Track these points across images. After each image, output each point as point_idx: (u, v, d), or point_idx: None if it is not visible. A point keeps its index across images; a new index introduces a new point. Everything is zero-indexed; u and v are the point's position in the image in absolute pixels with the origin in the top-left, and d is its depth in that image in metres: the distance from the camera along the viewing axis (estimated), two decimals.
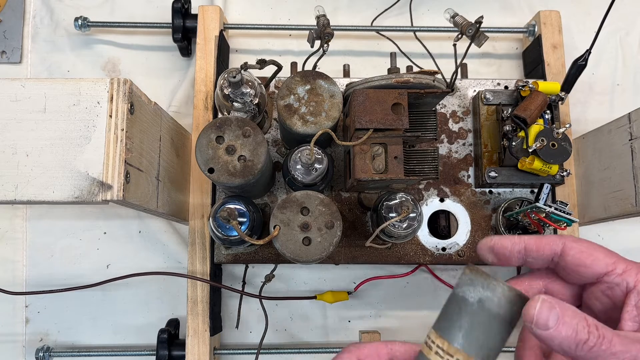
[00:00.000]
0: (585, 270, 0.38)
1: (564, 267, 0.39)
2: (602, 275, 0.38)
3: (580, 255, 0.38)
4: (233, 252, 0.70)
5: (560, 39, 0.79)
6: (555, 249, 0.39)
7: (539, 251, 0.39)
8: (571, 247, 0.38)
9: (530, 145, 0.65)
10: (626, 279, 0.37)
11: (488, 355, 0.35)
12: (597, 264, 0.38)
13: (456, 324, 0.35)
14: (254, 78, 0.60)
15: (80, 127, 0.50)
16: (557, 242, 0.38)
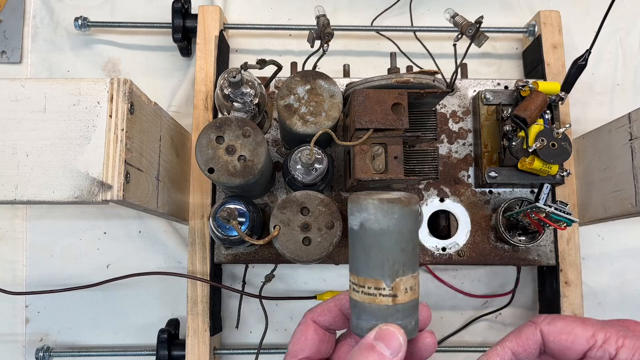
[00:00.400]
0: (570, 352, 0.39)
1: (551, 352, 0.40)
2: (585, 351, 0.38)
3: (559, 338, 0.39)
4: (233, 252, 0.70)
5: (560, 39, 0.79)
6: (537, 339, 0.40)
7: (525, 350, 0.40)
8: (548, 332, 0.39)
9: (530, 145, 0.65)
10: (608, 350, 0.38)
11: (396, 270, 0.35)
12: (578, 343, 0.38)
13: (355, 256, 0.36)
14: (254, 78, 0.60)
15: (80, 127, 0.50)
16: (534, 332, 0.40)
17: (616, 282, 0.80)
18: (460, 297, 0.79)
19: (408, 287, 0.35)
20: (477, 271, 0.81)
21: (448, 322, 0.79)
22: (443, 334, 0.79)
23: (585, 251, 0.78)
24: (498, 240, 0.71)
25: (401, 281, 0.35)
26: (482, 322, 0.80)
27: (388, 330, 0.35)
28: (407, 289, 0.35)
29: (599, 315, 0.79)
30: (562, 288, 0.72)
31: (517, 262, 0.72)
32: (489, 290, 0.80)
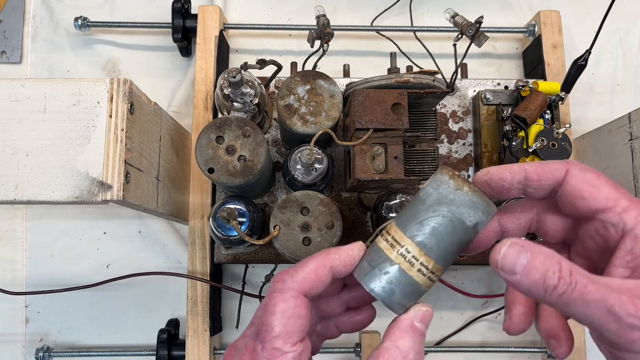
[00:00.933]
0: (582, 204, 0.34)
1: (561, 195, 0.35)
2: (599, 211, 0.34)
3: (582, 185, 0.34)
4: (233, 252, 0.70)
5: (560, 39, 0.79)
6: (558, 177, 0.35)
7: (540, 180, 0.35)
8: (574, 175, 0.34)
9: (530, 145, 0.65)
10: (624, 220, 0.33)
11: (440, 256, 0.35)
12: (596, 198, 0.34)
13: (415, 219, 0.35)
14: (254, 78, 0.60)
15: (80, 127, 0.50)
16: (561, 169, 0.35)
17: None
18: (460, 297, 0.79)
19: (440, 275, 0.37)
20: (477, 271, 0.81)
21: (448, 322, 0.79)
22: (443, 334, 0.79)
23: None
24: (498, 240, 0.71)
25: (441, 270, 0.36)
26: (482, 322, 0.80)
27: (428, 312, 0.36)
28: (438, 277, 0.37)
29: None
30: None
31: None
32: (489, 290, 0.80)
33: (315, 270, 0.36)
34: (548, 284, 0.30)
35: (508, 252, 0.32)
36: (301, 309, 0.35)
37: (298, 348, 0.34)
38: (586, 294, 0.30)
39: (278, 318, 0.34)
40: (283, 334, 0.34)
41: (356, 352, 0.72)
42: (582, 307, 0.30)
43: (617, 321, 0.30)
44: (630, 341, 0.30)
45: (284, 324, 0.34)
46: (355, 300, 0.42)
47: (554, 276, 0.30)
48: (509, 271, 0.31)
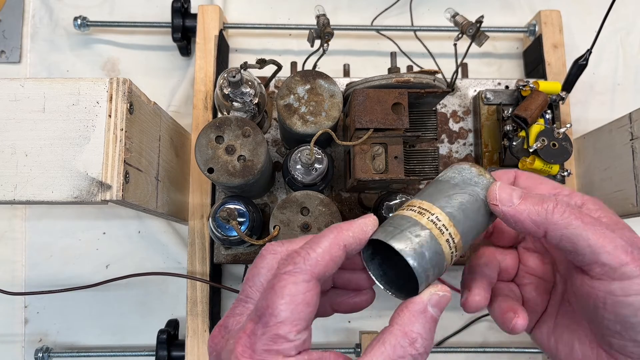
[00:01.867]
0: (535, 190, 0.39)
1: None
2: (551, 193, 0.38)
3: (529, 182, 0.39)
4: (233, 252, 0.70)
5: (561, 39, 0.79)
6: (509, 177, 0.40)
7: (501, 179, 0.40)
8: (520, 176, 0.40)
9: (531, 145, 0.64)
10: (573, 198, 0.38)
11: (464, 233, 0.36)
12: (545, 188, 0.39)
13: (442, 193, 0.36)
14: (253, 78, 0.60)
15: (79, 127, 0.50)
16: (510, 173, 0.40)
17: None
18: None
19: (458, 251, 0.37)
20: None
21: (448, 323, 0.79)
22: (443, 334, 0.79)
23: None
24: None
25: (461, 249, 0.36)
26: (482, 323, 0.80)
27: (445, 297, 0.35)
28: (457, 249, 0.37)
29: None
30: None
31: None
32: None
33: (329, 250, 0.33)
34: (547, 205, 0.34)
35: (503, 186, 0.35)
36: (311, 295, 0.32)
37: (302, 336, 0.32)
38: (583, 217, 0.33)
39: (286, 303, 0.31)
40: (289, 320, 0.31)
41: (356, 353, 0.72)
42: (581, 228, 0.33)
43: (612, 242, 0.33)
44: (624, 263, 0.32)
45: (291, 310, 0.31)
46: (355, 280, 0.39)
47: (550, 199, 0.34)
48: (506, 201, 0.34)
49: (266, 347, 0.31)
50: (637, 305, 0.32)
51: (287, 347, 0.31)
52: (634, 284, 0.32)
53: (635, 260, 0.32)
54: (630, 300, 0.32)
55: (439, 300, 0.35)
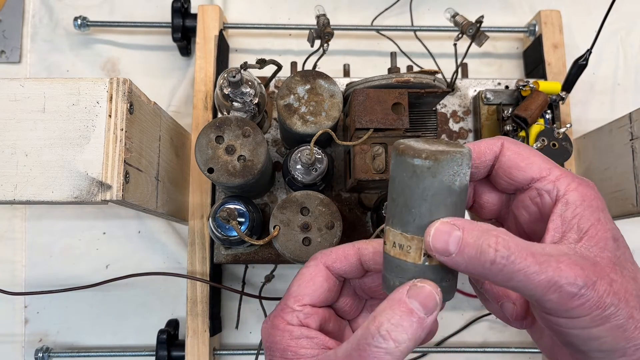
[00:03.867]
0: (518, 174, 0.35)
1: (498, 169, 0.36)
2: (534, 180, 0.35)
3: (517, 157, 0.35)
4: (233, 252, 0.70)
5: (561, 39, 0.79)
6: (495, 151, 0.36)
7: (480, 158, 0.36)
8: (508, 148, 0.36)
9: (531, 145, 0.64)
10: (557, 186, 0.34)
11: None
12: (531, 168, 0.35)
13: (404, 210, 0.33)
14: (253, 78, 0.60)
15: (79, 127, 0.50)
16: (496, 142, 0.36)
17: None
18: (461, 298, 0.78)
19: None
20: None
21: (448, 323, 0.79)
22: (443, 334, 0.79)
23: None
24: None
25: None
26: (482, 323, 0.80)
27: (424, 287, 0.32)
28: None
29: None
30: None
31: None
32: None
33: (343, 248, 0.39)
34: (485, 259, 0.30)
35: (439, 229, 0.31)
36: (317, 276, 0.39)
37: (305, 309, 0.38)
38: (527, 267, 0.29)
39: (296, 281, 0.39)
40: (295, 293, 0.38)
41: None
42: (523, 280, 0.30)
43: (557, 290, 0.30)
44: (570, 308, 0.30)
45: (298, 286, 0.39)
46: None
47: (489, 250, 0.30)
48: (442, 252, 0.31)
49: (276, 314, 0.38)
50: (584, 337, 0.31)
51: (290, 316, 0.38)
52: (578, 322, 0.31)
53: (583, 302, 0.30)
54: (576, 333, 0.31)
55: (418, 292, 0.32)
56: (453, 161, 0.32)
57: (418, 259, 0.33)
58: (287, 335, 0.37)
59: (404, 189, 0.33)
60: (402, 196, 0.33)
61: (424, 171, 0.32)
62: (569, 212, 0.33)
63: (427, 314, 0.32)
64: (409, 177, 0.32)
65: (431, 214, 0.32)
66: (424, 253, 0.33)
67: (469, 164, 0.32)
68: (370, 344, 0.32)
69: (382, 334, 0.31)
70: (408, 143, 0.33)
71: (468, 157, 0.32)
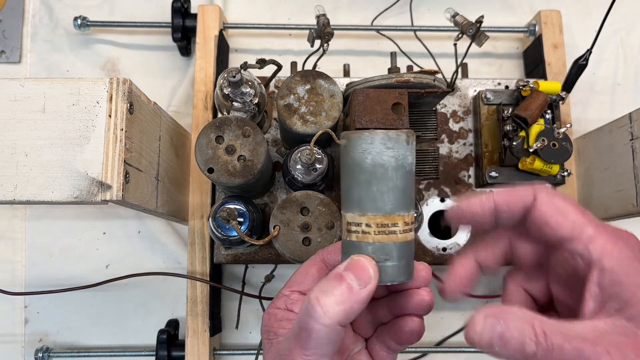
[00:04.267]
0: (549, 232, 0.34)
1: (530, 222, 0.35)
2: (565, 240, 0.33)
3: (549, 212, 0.34)
4: (233, 252, 0.70)
5: (561, 39, 0.79)
6: (527, 203, 0.35)
7: (510, 209, 0.35)
8: (542, 202, 0.34)
9: (531, 145, 0.64)
10: (590, 249, 0.32)
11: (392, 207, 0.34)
12: (562, 226, 0.34)
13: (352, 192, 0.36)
14: (253, 78, 0.60)
15: (79, 127, 0.50)
16: (529, 194, 0.35)
17: None
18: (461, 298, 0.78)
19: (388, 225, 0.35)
20: None
21: (448, 323, 0.79)
22: (443, 334, 0.78)
23: None
24: None
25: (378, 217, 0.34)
26: None
27: (359, 261, 0.34)
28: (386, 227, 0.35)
29: None
30: None
31: None
32: (490, 290, 0.80)
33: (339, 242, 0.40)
34: (527, 352, 0.30)
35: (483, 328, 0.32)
36: (312, 267, 0.41)
37: (293, 295, 0.40)
38: (563, 354, 0.30)
39: (293, 275, 0.41)
40: (289, 282, 0.41)
41: None
42: None
43: None
44: None
45: (295, 275, 0.41)
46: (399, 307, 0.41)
47: (531, 343, 0.30)
48: (487, 347, 0.32)
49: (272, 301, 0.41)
50: None
51: (279, 301, 0.40)
52: None
53: None
54: None
55: (353, 264, 0.33)
56: (360, 139, 0.34)
57: (344, 235, 0.36)
58: (273, 318, 0.39)
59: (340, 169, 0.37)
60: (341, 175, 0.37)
61: (342, 150, 0.36)
62: (606, 279, 0.32)
63: (361, 285, 0.33)
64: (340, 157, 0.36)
65: (347, 191, 0.36)
66: (346, 229, 0.36)
67: (386, 145, 0.34)
68: (305, 313, 0.33)
69: (312, 302, 0.32)
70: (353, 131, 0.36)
71: (382, 137, 0.34)
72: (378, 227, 0.34)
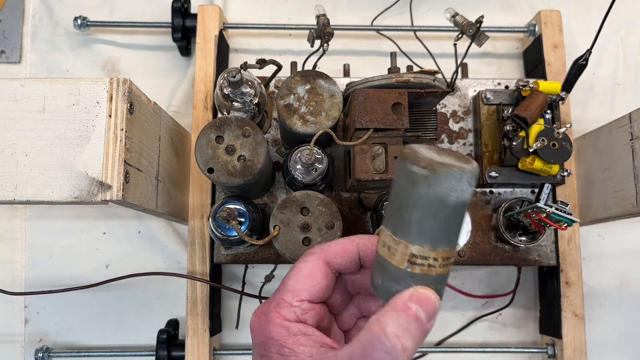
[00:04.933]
0: None
1: None
2: None
3: None
4: (233, 252, 0.70)
5: (560, 39, 0.79)
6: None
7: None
8: None
9: (531, 145, 0.64)
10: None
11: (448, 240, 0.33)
12: None
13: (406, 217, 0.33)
14: (253, 78, 0.60)
15: (79, 127, 0.50)
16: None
17: (617, 283, 0.80)
18: (461, 298, 0.78)
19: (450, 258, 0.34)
20: (477, 271, 0.80)
21: (448, 323, 0.79)
22: (443, 334, 0.79)
23: (585, 251, 0.78)
24: (498, 241, 0.71)
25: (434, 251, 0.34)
26: (482, 323, 0.80)
27: (427, 294, 0.33)
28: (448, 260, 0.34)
29: (600, 315, 0.79)
30: (563, 288, 0.72)
31: (517, 263, 0.72)
32: (490, 290, 0.80)
33: (342, 242, 0.39)
34: None
35: None
36: (316, 272, 0.38)
37: (303, 305, 0.37)
38: None
39: (294, 275, 0.38)
40: (293, 288, 0.38)
41: None
42: None
43: None
44: None
45: (296, 280, 0.38)
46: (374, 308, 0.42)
47: None
48: None
49: (271, 308, 0.37)
50: None
51: (287, 311, 0.37)
52: None
53: None
54: None
55: (420, 297, 0.33)
56: (451, 175, 0.31)
57: (401, 264, 0.34)
58: (284, 331, 0.37)
59: (399, 192, 0.33)
60: (397, 199, 0.33)
61: (421, 179, 0.32)
62: None
63: (428, 320, 0.33)
64: (406, 182, 0.32)
65: (420, 224, 0.33)
66: (408, 259, 0.33)
67: (470, 182, 0.32)
68: (377, 348, 0.32)
69: (391, 339, 0.32)
70: (415, 149, 0.33)
71: (470, 174, 0.32)
72: (444, 260, 0.34)
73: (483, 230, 0.71)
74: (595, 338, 0.76)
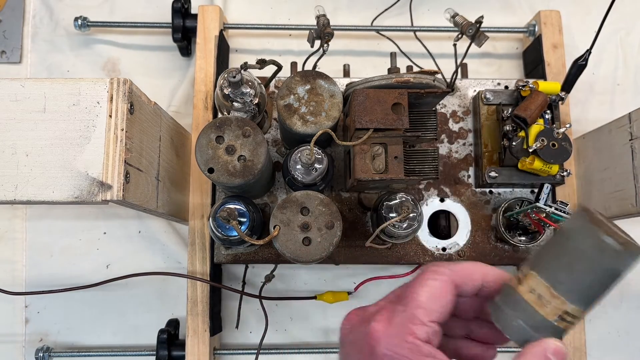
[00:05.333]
0: None
1: None
2: None
3: None
4: (233, 252, 0.70)
5: (560, 39, 0.79)
6: None
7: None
8: None
9: (531, 145, 0.64)
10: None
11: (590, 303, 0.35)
12: None
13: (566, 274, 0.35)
14: (253, 78, 0.60)
15: (80, 127, 0.50)
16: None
17: None
18: None
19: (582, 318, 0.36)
20: None
21: None
22: None
23: None
24: (498, 241, 0.71)
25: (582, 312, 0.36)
26: None
27: (563, 349, 0.35)
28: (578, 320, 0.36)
29: (600, 316, 0.79)
30: None
31: (517, 262, 0.72)
32: None
33: (470, 267, 0.38)
34: None
35: None
36: (447, 294, 0.37)
37: (435, 327, 0.36)
38: None
39: (426, 291, 0.36)
40: (426, 305, 0.36)
41: None
42: None
43: None
44: None
45: (428, 297, 0.36)
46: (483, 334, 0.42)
47: None
48: None
49: (402, 322, 0.36)
50: None
51: (420, 330, 0.35)
52: None
53: None
54: None
55: (558, 351, 0.35)
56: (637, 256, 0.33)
57: (551, 316, 0.35)
58: (416, 350, 0.35)
59: (576, 253, 0.34)
60: (570, 258, 0.35)
61: (611, 252, 0.33)
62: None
63: None
64: (590, 247, 0.34)
65: (590, 288, 0.34)
66: (560, 315, 0.35)
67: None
68: None
69: None
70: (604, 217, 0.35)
71: None
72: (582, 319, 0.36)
73: (483, 230, 0.71)
74: (595, 338, 0.76)
